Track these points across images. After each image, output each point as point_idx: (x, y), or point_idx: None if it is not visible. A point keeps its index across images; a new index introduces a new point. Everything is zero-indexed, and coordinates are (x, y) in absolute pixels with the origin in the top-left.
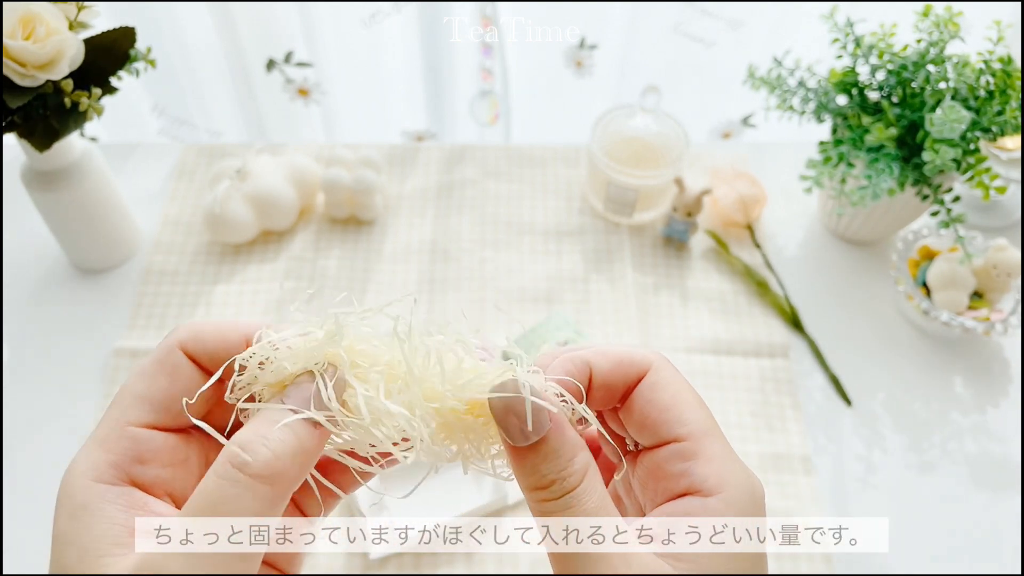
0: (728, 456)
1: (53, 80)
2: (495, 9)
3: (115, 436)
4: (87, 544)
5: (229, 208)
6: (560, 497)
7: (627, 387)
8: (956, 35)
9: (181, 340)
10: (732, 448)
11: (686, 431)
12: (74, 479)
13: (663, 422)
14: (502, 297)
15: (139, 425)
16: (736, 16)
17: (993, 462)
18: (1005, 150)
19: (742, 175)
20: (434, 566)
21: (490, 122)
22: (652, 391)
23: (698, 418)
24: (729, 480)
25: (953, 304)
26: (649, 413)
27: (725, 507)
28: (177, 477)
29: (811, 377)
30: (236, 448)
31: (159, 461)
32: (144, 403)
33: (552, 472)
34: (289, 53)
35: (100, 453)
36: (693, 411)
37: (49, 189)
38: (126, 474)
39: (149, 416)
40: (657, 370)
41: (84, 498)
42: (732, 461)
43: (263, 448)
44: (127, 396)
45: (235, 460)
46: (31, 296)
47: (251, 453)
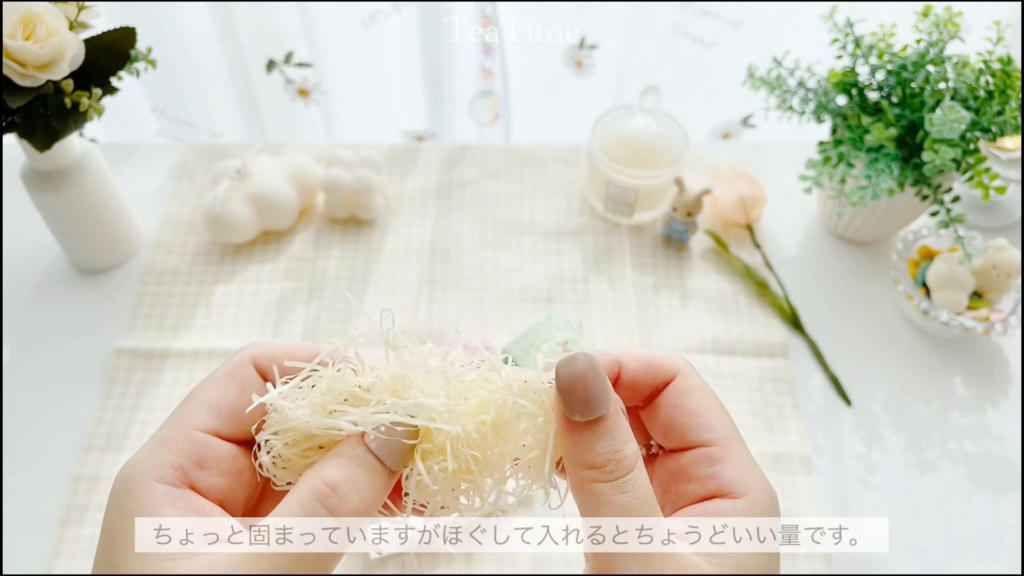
0: (751, 462)
1: (53, 80)
2: (495, 9)
3: (181, 439)
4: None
5: (229, 208)
6: (615, 480)
7: (654, 389)
8: (956, 35)
9: (253, 355)
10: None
11: (714, 437)
12: (134, 477)
13: (692, 427)
14: (502, 297)
15: (204, 431)
16: (736, 16)
17: (993, 462)
18: (1005, 150)
19: (742, 175)
20: (434, 566)
21: (490, 122)
22: (680, 396)
23: (724, 425)
24: (754, 484)
25: (952, 304)
26: (677, 417)
27: (752, 508)
28: (231, 487)
29: (811, 377)
30: (328, 488)
31: (218, 468)
32: (212, 410)
33: (608, 452)
34: (289, 53)
35: (164, 454)
36: (719, 418)
37: (49, 189)
38: (187, 477)
39: (215, 423)
40: (685, 376)
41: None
42: (754, 467)
43: (354, 495)
44: (195, 402)
45: (326, 500)
46: (31, 296)
47: (342, 496)
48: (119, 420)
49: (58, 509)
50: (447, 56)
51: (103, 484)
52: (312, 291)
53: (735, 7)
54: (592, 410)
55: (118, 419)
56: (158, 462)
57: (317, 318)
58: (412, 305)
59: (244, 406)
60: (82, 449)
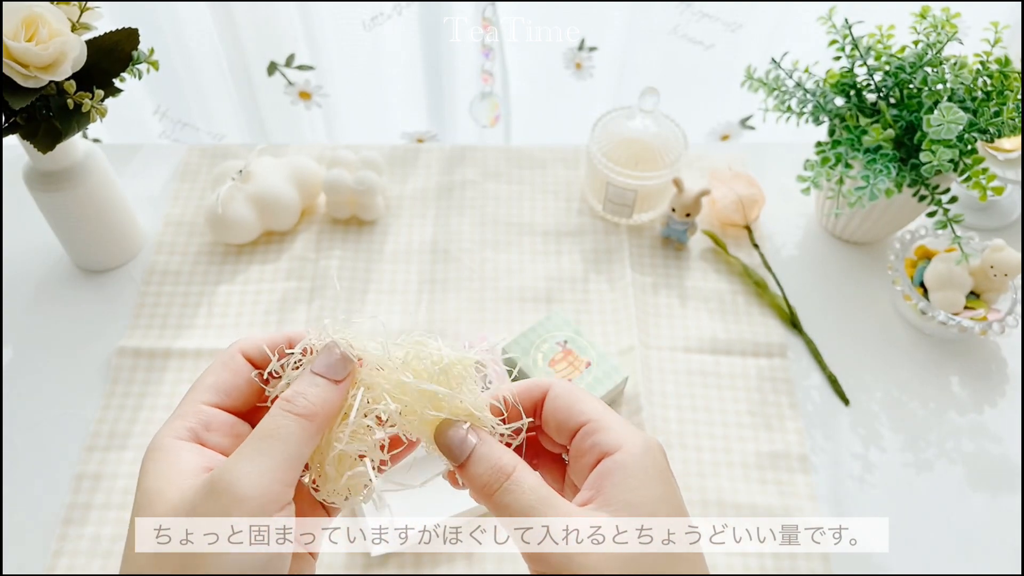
0: (623, 424)
1: (56, 81)
2: (495, 11)
3: (191, 411)
4: (163, 479)
5: (231, 209)
6: (500, 487)
7: (535, 404)
8: (953, 37)
9: (241, 347)
10: (626, 420)
11: (586, 417)
12: (159, 438)
13: (568, 417)
14: (502, 297)
15: (208, 404)
16: (735, 19)
17: (990, 461)
18: (1002, 151)
19: (740, 176)
20: (434, 566)
21: (490, 124)
22: (554, 401)
23: (592, 406)
24: (626, 439)
25: (950, 304)
26: (556, 415)
27: (628, 457)
28: (232, 446)
29: (809, 376)
30: (284, 397)
31: (221, 431)
32: (211, 389)
33: (487, 471)
34: (291, 56)
35: (178, 422)
36: (587, 403)
37: (52, 190)
38: (197, 436)
39: (215, 398)
40: (554, 387)
41: (164, 446)
42: (626, 427)
43: (302, 399)
44: (200, 385)
45: (284, 404)
46: (34, 296)
47: (293, 400)
48: (122, 419)
49: (61, 508)
50: (447, 58)
51: (106, 483)
52: (314, 291)
53: (734, 9)
54: (456, 460)
55: (121, 418)
56: (176, 427)
57: (319, 317)
58: (413, 305)
59: (237, 386)
60: (85, 448)
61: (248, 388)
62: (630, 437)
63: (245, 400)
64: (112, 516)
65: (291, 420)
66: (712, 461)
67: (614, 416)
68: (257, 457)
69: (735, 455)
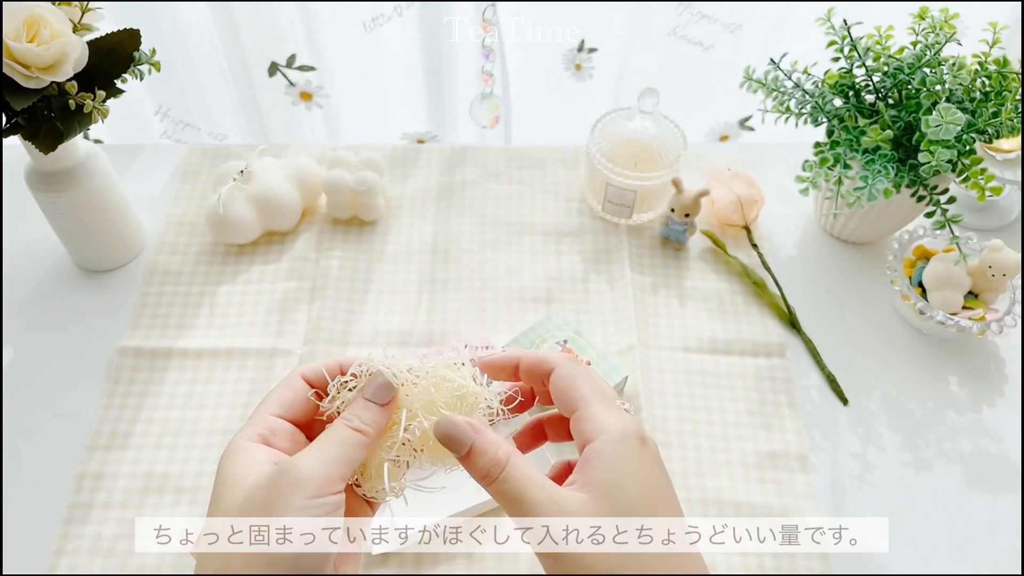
0: (603, 412)
1: (57, 82)
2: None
3: (260, 420)
4: (241, 468)
5: (232, 209)
6: (498, 475)
7: (543, 375)
8: (952, 37)
9: (301, 370)
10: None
11: (575, 404)
12: (235, 441)
13: (564, 403)
14: (502, 297)
15: (273, 415)
16: (734, 20)
17: (988, 461)
18: (1001, 151)
19: (739, 176)
20: (434, 566)
21: (491, 125)
22: (557, 382)
23: (583, 393)
24: (605, 426)
25: (948, 304)
26: (557, 398)
27: (605, 444)
28: (293, 449)
29: (807, 376)
30: (344, 416)
31: (283, 437)
32: (276, 404)
33: (486, 462)
34: (292, 56)
35: (250, 428)
36: (580, 389)
37: (53, 190)
38: (265, 439)
39: (280, 411)
40: (556, 369)
41: (240, 447)
42: (608, 413)
43: (356, 419)
44: (267, 400)
45: (344, 421)
46: (35, 296)
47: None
48: (123, 418)
49: (62, 507)
50: (448, 59)
51: (107, 482)
52: (315, 291)
53: (733, 10)
54: (458, 450)
55: (122, 417)
56: (248, 432)
57: (319, 317)
58: (413, 305)
59: (297, 402)
60: (86, 448)
61: (306, 405)
62: (608, 424)
63: (303, 414)
64: (113, 515)
65: (349, 432)
66: (711, 460)
67: (599, 404)
68: (319, 452)
69: (734, 454)
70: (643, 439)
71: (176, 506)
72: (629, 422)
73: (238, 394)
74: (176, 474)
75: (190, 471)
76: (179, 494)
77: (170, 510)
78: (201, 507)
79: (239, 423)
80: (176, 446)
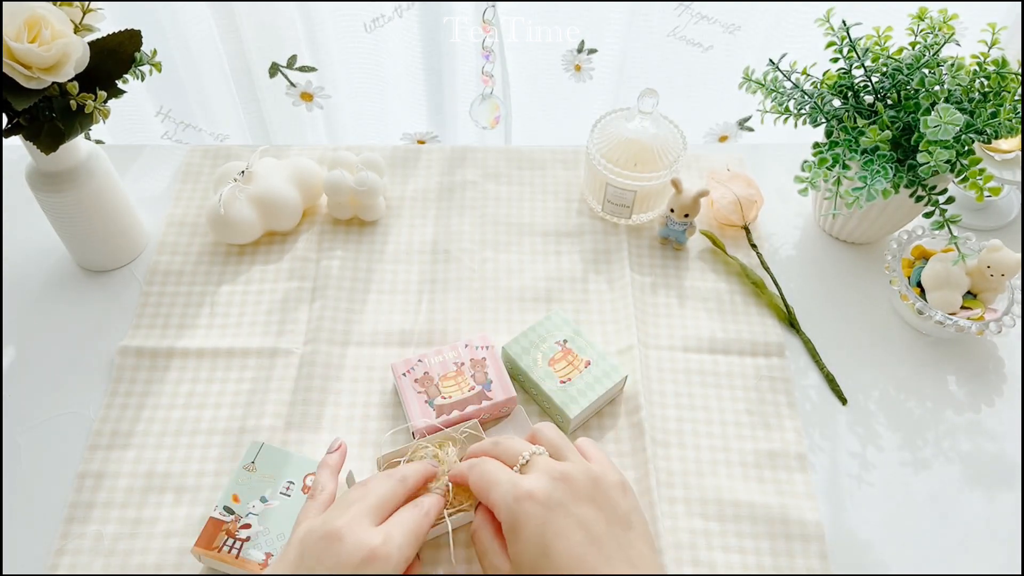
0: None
1: (59, 82)
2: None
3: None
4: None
5: (233, 209)
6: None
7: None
8: (951, 38)
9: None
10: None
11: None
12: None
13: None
14: (502, 297)
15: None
16: (733, 20)
17: (987, 460)
18: (1000, 152)
19: (738, 176)
20: (434, 566)
21: (491, 126)
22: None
23: (482, 495)
24: (498, 513)
25: (947, 304)
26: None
27: (505, 530)
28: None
29: (806, 376)
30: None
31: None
32: None
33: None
34: (292, 57)
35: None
36: (480, 493)
37: (55, 191)
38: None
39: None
40: (469, 476)
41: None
42: (494, 495)
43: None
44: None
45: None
46: (36, 296)
47: (422, 505)
48: (124, 418)
49: (63, 506)
50: (448, 60)
51: (108, 482)
52: (315, 291)
53: (732, 11)
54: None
55: (123, 417)
56: None
57: (320, 317)
58: (413, 305)
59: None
60: (87, 447)
61: None
62: (498, 510)
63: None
64: (115, 515)
65: (421, 513)
66: (711, 460)
67: (494, 493)
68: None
69: (734, 454)
70: (530, 497)
71: (177, 506)
72: (510, 495)
73: (239, 394)
74: (177, 473)
75: (191, 470)
76: (180, 493)
77: (171, 510)
78: (201, 507)
79: (240, 422)
80: (177, 445)
